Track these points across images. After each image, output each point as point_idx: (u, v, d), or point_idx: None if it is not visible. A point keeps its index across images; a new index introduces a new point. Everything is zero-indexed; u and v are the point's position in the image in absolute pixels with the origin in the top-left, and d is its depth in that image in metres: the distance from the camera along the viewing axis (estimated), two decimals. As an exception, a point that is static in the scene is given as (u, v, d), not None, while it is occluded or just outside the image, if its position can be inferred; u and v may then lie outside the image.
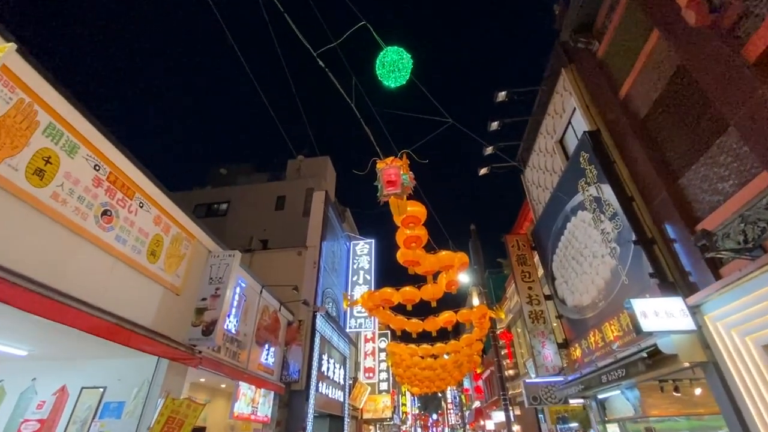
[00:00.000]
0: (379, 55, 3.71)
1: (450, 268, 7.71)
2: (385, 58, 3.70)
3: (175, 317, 5.76)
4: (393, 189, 4.71)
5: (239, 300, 7.72)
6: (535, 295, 11.08)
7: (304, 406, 9.88)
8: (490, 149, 12.03)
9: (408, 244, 6.55)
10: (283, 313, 10.23)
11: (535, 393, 10.46)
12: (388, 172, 4.68)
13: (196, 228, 6.38)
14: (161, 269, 5.50)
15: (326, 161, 22.71)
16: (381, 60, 3.73)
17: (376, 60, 3.72)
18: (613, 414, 8.69)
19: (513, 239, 12.25)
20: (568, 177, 9.30)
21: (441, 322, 11.13)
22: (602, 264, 8.05)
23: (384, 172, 4.69)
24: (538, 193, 12.04)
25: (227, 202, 20.65)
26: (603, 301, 8.12)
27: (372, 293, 9.42)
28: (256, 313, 8.58)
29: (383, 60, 3.71)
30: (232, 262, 6.66)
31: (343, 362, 14.49)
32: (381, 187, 4.76)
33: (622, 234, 7.22)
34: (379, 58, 3.73)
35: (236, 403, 7.51)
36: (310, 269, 12.28)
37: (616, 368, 6.62)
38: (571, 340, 9.83)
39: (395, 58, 3.72)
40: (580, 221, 8.93)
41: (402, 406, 33.63)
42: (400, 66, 3.72)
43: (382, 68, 3.73)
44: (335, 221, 16.19)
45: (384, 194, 4.74)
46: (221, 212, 20.29)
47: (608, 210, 7.61)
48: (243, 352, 7.80)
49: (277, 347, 9.62)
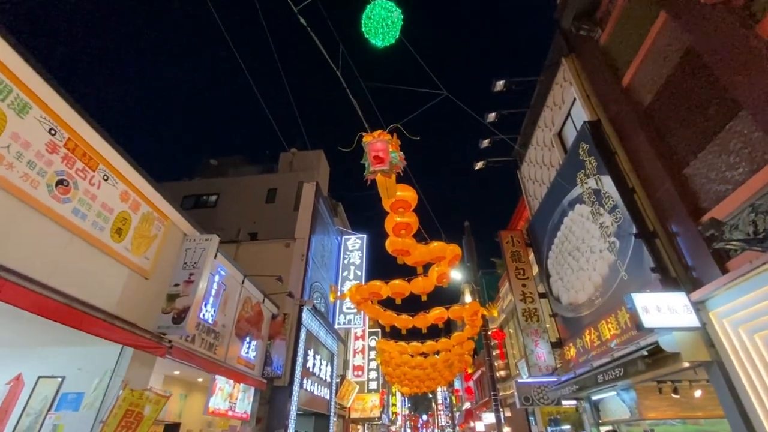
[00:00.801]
0: (366, 8, 3.32)
1: (441, 259, 7.34)
2: (372, 11, 3.31)
3: (142, 303, 5.32)
4: (380, 165, 4.31)
5: (218, 289, 7.28)
6: (529, 293, 10.75)
7: (286, 403, 9.44)
8: (486, 142, 11.69)
9: (397, 231, 6.17)
10: (267, 306, 9.79)
11: (528, 393, 10.12)
12: (375, 146, 4.29)
13: (171, 209, 5.94)
14: (127, 249, 5.06)
15: (320, 155, 22.26)
16: (367, 14, 3.34)
17: (363, 14, 3.32)
18: (607, 416, 8.36)
19: (507, 235, 11.92)
20: (567, 170, 8.97)
21: (432, 318, 10.74)
22: (600, 259, 7.72)
23: (371, 146, 4.30)
24: (535, 188, 11.72)
25: (217, 194, 20.13)
26: (600, 299, 7.79)
27: (360, 286, 9.03)
28: (236, 303, 8.14)
29: (370, 14, 3.32)
30: (208, 247, 6.22)
31: (331, 359, 14.06)
32: (368, 164, 4.37)
33: (622, 227, 6.89)
34: (366, 12, 3.34)
35: (212, 398, 7.06)
36: (298, 262, 11.84)
37: (614, 367, 6.28)
38: (565, 340, 9.51)
39: (384, 15, 3.33)
40: (577, 215, 8.60)
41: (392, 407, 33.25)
42: (389, 22, 3.33)
43: (368, 22, 3.34)
44: (326, 215, 15.77)
45: (370, 171, 4.35)
46: (210, 204, 19.77)
47: (608, 203, 7.29)
48: (221, 344, 7.36)
49: (259, 341, 9.18)
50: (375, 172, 4.35)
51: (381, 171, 4.34)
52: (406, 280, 8.57)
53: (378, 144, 4.31)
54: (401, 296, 8.54)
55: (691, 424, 7.95)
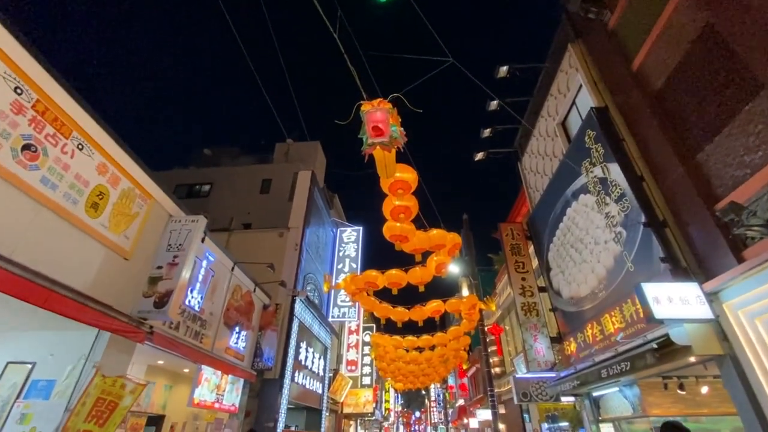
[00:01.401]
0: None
1: (441, 248, 7.02)
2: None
3: (121, 284, 4.96)
4: (380, 137, 3.97)
5: (205, 275, 6.92)
6: (529, 287, 10.47)
7: (277, 397, 9.11)
8: (487, 132, 11.37)
9: (395, 215, 5.83)
10: (258, 296, 9.44)
11: (525, 389, 9.87)
12: (373, 116, 3.94)
13: (155, 187, 5.57)
14: (104, 226, 4.69)
15: (316, 146, 21.84)
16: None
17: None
18: (608, 413, 8.11)
19: (507, 228, 11.63)
20: (571, 159, 8.68)
21: (428, 311, 10.45)
22: (604, 251, 7.44)
23: (369, 116, 3.96)
24: (536, 180, 11.43)
25: (210, 184, 19.68)
26: (603, 291, 7.52)
27: (355, 276, 8.70)
28: (225, 291, 7.78)
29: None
30: (194, 228, 5.86)
31: (324, 353, 13.74)
32: (365, 136, 4.03)
33: (630, 217, 6.61)
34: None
35: (197, 389, 6.72)
36: (292, 251, 11.48)
37: (619, 361, 6.01)
38: (565, 334, 9.24)
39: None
40: (581, 206, 8.32)
41: (385, 403, 33.04)
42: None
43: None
44: (322, 205, 15.41)
45: (369, 143, 4.01)
46: (203, 193, 19.33)
47: (615, 191, 7.00)
48: (208, 333, 7.01)
49: (249, 331, 8.83)
50: (373, 145, 4.01)
51: (380, 143, 4.00)
52: (403, 270, 8.26)
53: (377, 114, 3.96)
54: (398, 286, 8.23)
55: (692, 421, 7.73)
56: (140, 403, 7.15)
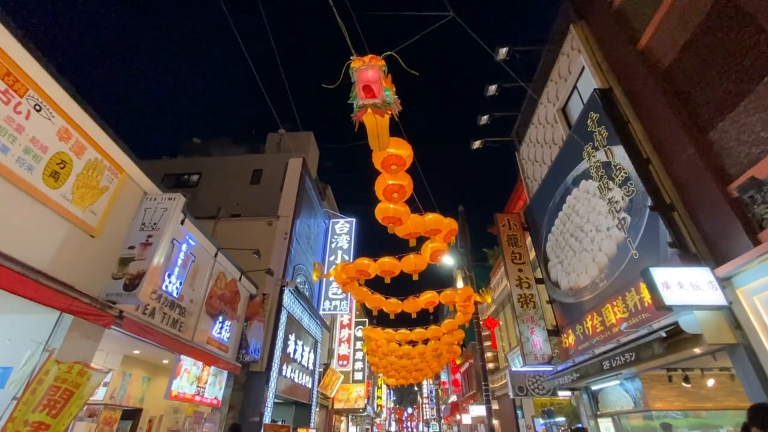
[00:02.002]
0: None
1: (437, 233, 6.66)
2: None
3: (86, 264, 4.52)
4: (371, 98, 3.58)
5: (185, 259, 6.48)
6: (526, 278, 10.16)
7: (263, 390, 8.71)
8: (485, 119, 11.02)
9: (389, 195, 5.45)
10: (244, 285, 9.01)
11: (522, 383, 9.57)
12: (365, 74, 3.55)
13: (128, 161, 5.12)
14: (66, 199, 4.24)
15: (309, 136, 21.33)
16: None
17: None
18: (607, 407, 7.83)
19: (504, 218, 11.30)
20: (572, 144, 8.35)
21: (422, 302, 10.11)
22: (607, 238, 7.13)
23: (360, 74, 3.56)
24: (534, 169, 11.11)
25: (198, 174, 19.12)
26: (605, 281, 7.21)
27: (346, 264, 8.32)
28: (208, 278, 7.34)
29: None
30: (171, 207, 5.42)
31: (314, 346, 13.34)
32: (356, 97, 3.63)
33: (635, 201, 6.29)
34: None
35: (176, 381, 6.29)
36: (281, 241, 11.05)
37: (623, 352, 5.70)
38: (563, 327, 8.95)
39: None
40: (582, 192, 8.00)
41: (377, 399, 32.75)
42: None
43: None
44: (313, 195, 14.98)
45: (359, 106, 3.61)
46: (192, 183, 18.77)
47: (619, 175, 6.68)
48: (188, 322, 6.58)
49: (234, 321, 8.40)
50: (364, 108, 3.62)
51: (372, 105, 3.60)
52: (396, 258, 7.90)
53: (369, 72, 3.57)
54: (391, 275, 7.86)
55: (693, 416, 7.49)
56: (115, 396, 6.71)
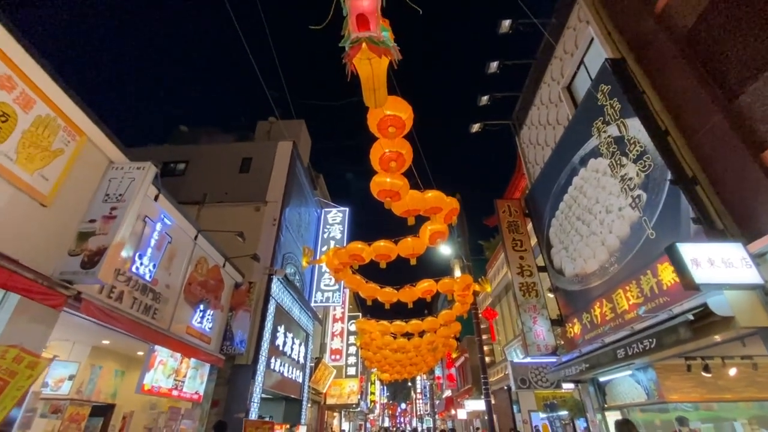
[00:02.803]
0: None
1: (437, 212, 6.12)
2: None
3: (36, 237, 3.89)
4: (365, 31, 3.00)
5: (160, 240, 5.86)
6: (527, 266, 9.69)
7: (249, 384, 8.13)
8: (485, 99, 10.49)
9: (385, 163, 4.88)
10: (228, 272, 8.39)
11: (524, 375, 9.10)
12: (359, 2, 2.97)
13: (89, 123, 4.48)
14: (8, 158, 3.60)
15: (301, 125, 20.61)
16: None
17: None
18: (615, 400, 7.39)
19: (504, 204, 10.81)
20: (579, 121, 7.86)
21: (419, 292, 9.59)
22: (618, 219, 6.64)
23: (352, 3, 2.97)
24: (536, 153, 10.62)
25: (185, 162, 18.33)
26: (616, 265, 6.74)
27: (338, 249, 7.75)
28: (187, 263, 6.72)
29: None
30: (140, 177, 4.79)
31: (306, 339, 12.77)
32: (348, 29, 3.05)
33: (652, 176, 5.81)
34: None
35: (148, 374, 5.68)
36: (269, 227, 10.44)
37: (642, 339, 5.21)
38: (568, 316, 8.49)
39: None
40: (591, 172, 7.51)
41: (370, 395, 32.31)
42: None
43: None
44: (305, 183, 14.36)
45: (353, 40, 3.03)
46: (178, 172, 17.96)
47: (633, 150, 6.19)
48: (163, 309, 5.96)
49: (217, 311, 7.79)
50: (358, 42, 3.04)
51: (368, 40, 3.02)
52: (392, 241, 7.35)
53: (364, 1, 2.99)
54: (386, 259, 7.32)
55: (705, 409, 7.08)
56: (82, 391, 6.09)
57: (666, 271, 5.44)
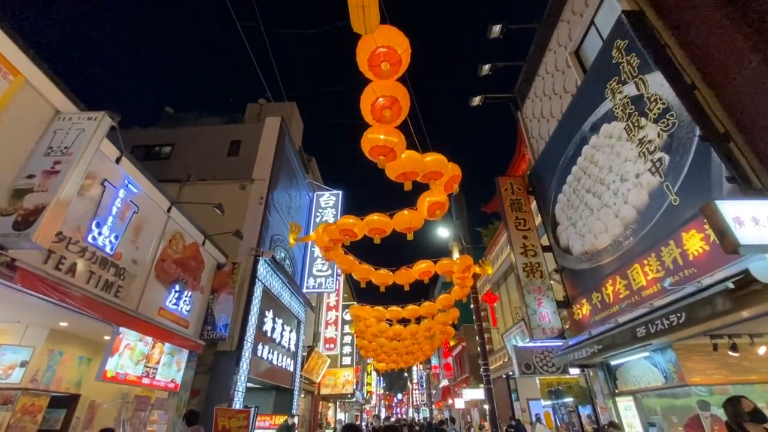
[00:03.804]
0: None
1: (437, 177, 5.48)
2: None
3: (-48, 191, 3.21)
4: None
5: (123, 208, 5.18)
6: (531, 246, 9.11)
7: (233, 372, 7.52)
8: (486, 68, 9.81)
9: (378, 113, 4.21)
10: (209, 251, 7.73)
11: (529, 360, 8.58)
12: None
13: (27, 62, 3.78)
14: None
15: (292, 107, 19.80)
16: None
17: None
18: (628, 384, 6.87)
19: (506, 182, 10.20)
20: (590, 85, 7.24)
21: (416, 273, 8.98)
22: (635, 188, 6.05)
23: None
24: (540, 126, 9.99)
25: (171, 145, 17.51)
26: (631, 238, 6.17)
27: (328, 225, 7.11)
28: (159, 237, 6.05)
29: None
30: (91, 128, 4.10)
31: (297, 327, 12.18)
32: None
33: (676, 136, 5.20)
34: None
35: (112, 359, 5.05)
36: (255, 206, 9.77)
37: (667, 314, 4.64)
38: (575, 297, 7.95)
39: None
40: (604, 138, 6.89)
41: (366, 386, 31.95)
42: None
43: None
44: (295, 164, 13.67)
45: None
46: (164, 155, 17.19)
47: (654, 108, 5.57)
48: (130, 287, 5.31)
49: (197, 293, 7.15)
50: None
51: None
52: (386, 215, 6.72)
53: None
54: (381, 235, 6.68)
55: (719, 393, 6.57)
56: (38, 379, 5.43)
57: (692, 239, 4.87)
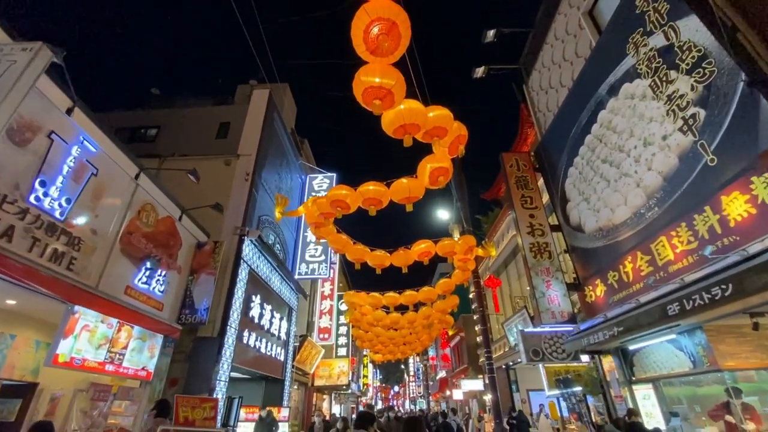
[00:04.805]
0: None
1: (441, 134, 4.78)
2: None
3: None
4: None
5: (77, 168, 4.46)
6: (539, 225, 8.47)
7: (215, 360, 6.86)
8: (491, 34, 9.09)
9: (372, 42, 3.51)
10: (187, 227, 7.03)
11: (536, 346, 7.99)
12: None
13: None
14: None
15: (285, 89, 18.93)
16: None
17: None
18: (647, 371, 6.28)
19: (511, 158, 9.53)
20: (608, 43, 6.56)
21: (415, 254, 8.29)
22: (662, 151, 5.40)
23: None
24: (548, 98, 9.30)
25: (157, 127, 16.67)
26: (656, 209, 5.53)
27: (319, 198, 6.42)
28: (125, 206, 5.34)
29: None
30: (24, 61, 3.37)
31: (289, 314, 11.53)
32: None
33: (715, 86, 4.55)
34: None
35: (65, 342, 4.37)
36: (241, 182, 9.05)
37: (708, 287, 4.01)
38: (587, 278, 7.33)
39: None
40: (624, 100, 6.23)
41: (363, 378, 31.49)
42: None
43: None
44: (286, 143, 12.94)
45: None
46: (149, 138, 16.33)
47: (687, 57, 4.90)
48: (87, 260, 4.62)
49: (173, 272, 6.46)
50: None
51: None
52: (383, 184, 6.03)
53: None
54: (377, 206, 6.00)
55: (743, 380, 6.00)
56: (-20, 365, 4.74)
57: (735, 203, 4.24)
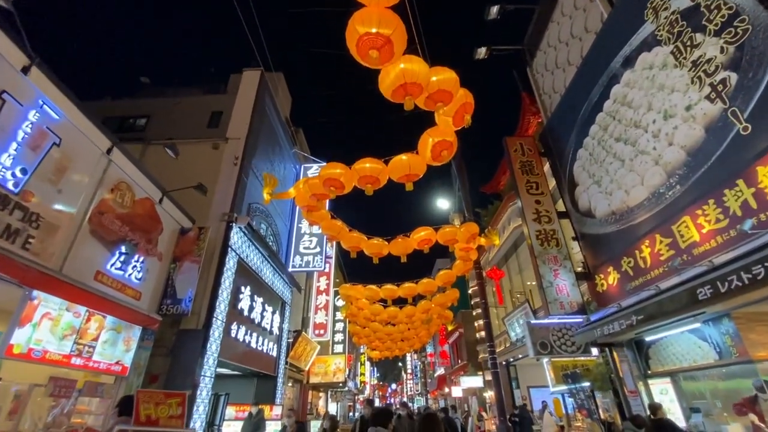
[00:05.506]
0: None
1: (446, 100, 4.29)
2: None
3: None
4: None
5: (35, 135, 3.95)
6: (545, 211, 8.02)
7: (199, 355, 6.36)
8: (494, 11, 8.60)
9: (369, -21, 3.02)
10: (169, 211, 6.52)
11: (545, 338, 7.53)
12: None
13: None
14: None
15: (279, 78, 18.34)
16: None
17: None
18: (664, 364, 5.84)
19: (515, 143, 9.06)
20: (623, 11, 6.11)
21: (414, 242, 7.80)
22: (685, 123, 4.95)
23: None
24: (554, 79, 8.83)
25: (147, 117, 16.07)
26: (677, 187, 5.08)
27: (310, 179, 5.92)
28: (95, 183, 4.83)
29: None
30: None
31: (282, 308, 11.04)
32: None
33: (749, 46, 4.09)
34: None
35: (21, 330, 3.87)
36: (229, 167, 8.54)
37: (748, 266, 3.55)
38: (597, 267, 6.89)
39: None
40: (641, 71, 5.76)
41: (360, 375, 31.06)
42: None
43: None
44: (279, 130, 12.42)
45: None
46: (138, 127, 15.73)
47: (716, 17, 4.45)
48: (49, 239, 4.12)
49: (152, 258, 5.95)
50: None
51: None
52: (381, 161, 5.54)
53: None
54: (374, 185, 5.50)
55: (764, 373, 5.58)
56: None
57: (773, 174, 3.79)
